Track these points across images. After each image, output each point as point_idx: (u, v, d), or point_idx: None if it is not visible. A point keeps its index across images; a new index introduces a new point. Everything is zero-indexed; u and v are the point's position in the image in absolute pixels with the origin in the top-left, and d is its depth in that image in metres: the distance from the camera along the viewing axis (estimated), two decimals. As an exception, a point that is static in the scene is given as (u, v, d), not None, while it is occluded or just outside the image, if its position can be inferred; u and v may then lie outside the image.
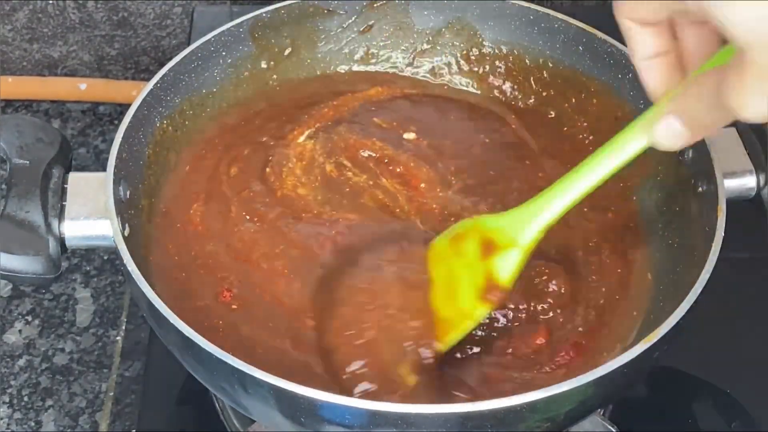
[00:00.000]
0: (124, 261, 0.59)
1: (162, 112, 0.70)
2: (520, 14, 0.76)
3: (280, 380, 0.53)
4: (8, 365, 0.80)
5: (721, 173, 0.63)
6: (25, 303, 0.84)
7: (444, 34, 0.79)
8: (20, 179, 0.63)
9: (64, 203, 0.63)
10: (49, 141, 0.65)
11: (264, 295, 0.64)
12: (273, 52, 0.76)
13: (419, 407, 0.52)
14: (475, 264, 0.61)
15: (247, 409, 0.59)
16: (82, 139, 0.98)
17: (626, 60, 0.71)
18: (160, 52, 1.03)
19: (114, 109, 1.01)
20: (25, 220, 0.61)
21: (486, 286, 0.60)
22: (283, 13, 0.76)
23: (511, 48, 0.77)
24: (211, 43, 0.73)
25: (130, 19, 1.00)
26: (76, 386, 0.79)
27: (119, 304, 0.84)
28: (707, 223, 0.62)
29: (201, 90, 0.73)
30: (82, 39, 1.02)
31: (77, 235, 0.63)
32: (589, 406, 0.58)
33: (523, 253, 0.60)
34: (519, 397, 0.53)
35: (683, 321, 0.57)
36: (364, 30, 0.78)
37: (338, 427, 0.54)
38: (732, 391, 0.72)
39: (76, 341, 0.82)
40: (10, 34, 1.01)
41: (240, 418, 0.70)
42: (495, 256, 0.60)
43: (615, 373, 0.54)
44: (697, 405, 0.72)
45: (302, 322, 0.63)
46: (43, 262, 0.61)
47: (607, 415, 0.68)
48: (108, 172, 0.63)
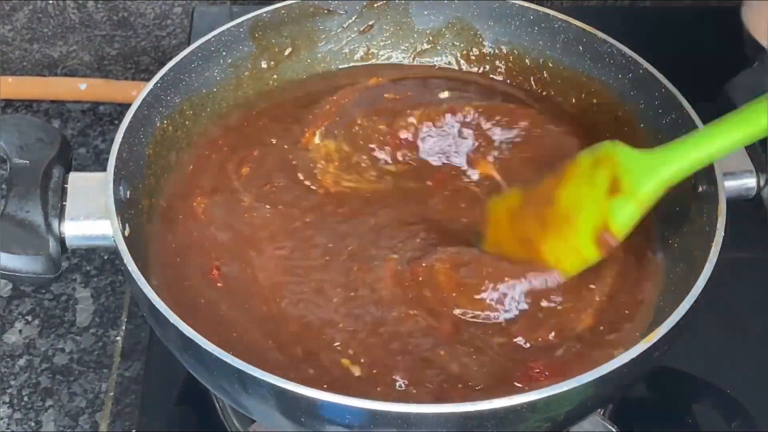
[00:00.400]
0: (125, 261, 0.59)
1: (162, 111, 0.70)
2: (521, 14, 0.76)
3: (281, 380, 0.53)
4: (8, 365, 0.80)
5: (721, 173, 0.63)
6: (25, 303, 0.84)
7: (444, 34, 0.79)
8: (20, 179, 0.62)
9: (64, 203, 0.63)
10: (50, 141, 0.65)
11: (249, 276, 0.65)
12: (273, 52, 0.76)
13: (419, 407, 0.52)
14: (600, 198, 0.59)
15: (247, 408, 0.59)
16: (82, 139, 0.98)
17: (626, 60, 0.72)
18: (160, 52, 1.03)
19: (114, 109, 1.01)
20: (25, 219, 0.61)
21: (602, 227, 0.59)
22: (283, 13, 0.76)
23: (512, 48, 0.77)
24: (212, 43, 0.73)
25: (130, 19, 1.00)
26: (76, 386, 0.79)
27: (119, 304, 0.84)
28: (707, 223, 0.62)
29: (201, 90, 0.73)
30: (82, 39, 1.02)
31: (77, 235, 0.62)
32: (589, 406, 0.58)
33: (639, 207, 0.58)
34: (519, 397, 0.53)
35: (683, 321, 0.57)
36: (364, 30, 0.79)
37: (338, 426, 0.54)
38: (732, 391, 0.72)
39: (76, 341, 0.82)
40: (10, 34, 1.01)
41: (240, 418, 0.69)
42: (616, 199, 0.59)
43: (615, 373, 0.54)
44: (697, 405, 0.73)
45: (275, 305, 0.63)
46: (43, 261, 0.61)
47: (607, 415, 0.68)
48: (108, 172, 0.63)
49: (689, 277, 0.60)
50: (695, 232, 0.64)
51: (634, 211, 0.59)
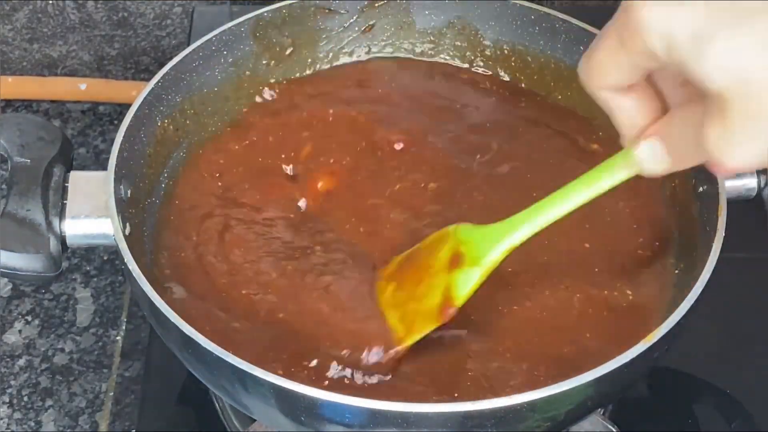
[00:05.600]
0: (125, 260, 0.59)
1: (163, 111, 0.70)
2: (522, 14, 0.76)
3: (281, 379, 0.53)
4: (8, 365, 0.80)
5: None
6: (25, 303, 0.84)
7: (445, 34, 0.79)
8: (21, 178, 0.63)
9: (65, 202, 0.63)
10: (50, 139, 0.65)
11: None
12: (274, 51, 0.77)
13: (419, 406, 0.52)
14: (442, 274, 0.61)
15: (247, 407, 0.59)
16: (82, 139, 0.98)
17: (627, 60, 0.72)
18: (160, 52, 1.03)
19: (114, 109, 1.01)
20: (25, 218, 0.61)
21: (444, 300, 0.60)
22: (284, 12, 0.76)
23: (513, 48, 0.77)
24: (213, 42, 0.73)
25: (130, 19, 1.01)
26: (76, 386, 0.79)
27: (119, 304, 0.85)
28: (707, 223, 0.62)
29: (202, 89, 0.73)
30: (82, 39, 1.02)
31: (78, 234, 0.62)
32: (589, 406, 0.58)
33: (483, 273, 0.59)
34: (519, 397, 0.53)
35: (683, 321, 0.57)
36: (365, 29, 0.79)
37: (338, 426, 0.54)
38: (732, 391, 0.72)
39: (76, 341, 0.82)
40: (10, 34, 1.01)
41: (240, 418, 0.69)
42: (459, 270, 0.60)
43: (615, 373, 0.54)
44: (697, 405, 0.73)
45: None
46: (43, 260, 0.61)
47: (607, 415, 0.68)
48: (109, 171, 0.63)
49: (689, 277, 0.60)
50: (695, 233, 0.64)
51: (479, 278, 0.59)
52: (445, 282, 0.60)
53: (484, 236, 0.60)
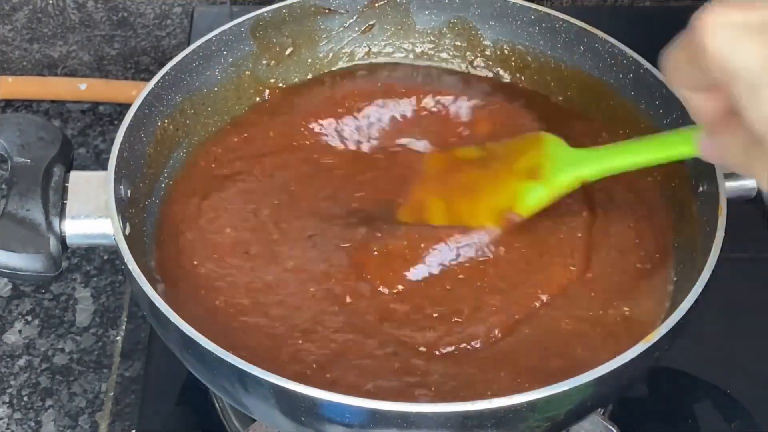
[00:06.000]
0: (125, 260, 0.59)
1: (163, 111, 0.70)
2: (521, 14, 0.76)
3: (281, 379, 0.53)
4: (8, 365, 0.80)
5: (722, 173, 0.63)
6: (25, 303, 0.84)
7: (445, 34, 0.79)
8: (21, 177, 0.63)
9: (65, 201, 0.63)
10: (51, 139, 0.65)
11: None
12: (274, 51, 0.77)
13: (419, 406, 0.52)
14: (516, 178, 0.63)
15: (247, 407, 0.59)
16: (82, 139, 0.98)
17: (627, 60, 0.72)
18: (160, 52, 1.03)
19: (114, 109, 1.01)
20: (25, 218, 0.61)
21: (509, 204, 0.62)
22: (284, 13, 0.76)
23: (512, 48, 0.77)
24: (213, 42, 0.73)
25: (130, 19, 1.00)
26: (76, 386, 0.79)
27: (119, 304, 0.84)
28: (707, 223, 0.62)
29: (202, 89, 0.73)
30: (82, 39, 1.02)
31: (78, 234, 0.62)
32: (589, 405, 0.58)
33: (549, 192, 0.62)
34: (519, 397, 0.53)
35: (683, 321, 0.57)
36: (365, 30, 0.79)
37: (338, 425, 0.54)
38: (732, 391, 0.72)
39: (76, 341, 0.82)
40: (10, 34, 1.01)
41: (240, 418, 0.69)
42: (531, 182, 0.62)
43: (615, 373, 0.54)
44: (697, 405, 0.73)
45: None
46: (43, 260, 0.61)
47: (607, 415, 0.68)
48: (109, 171, 0.63)
49: (689, 277, 0.60)
50: (695, 233, 0.64)
51: (544, 196, 0.62)
52: (515, 188, 0.63)
53: (564, 158, 0.63)
